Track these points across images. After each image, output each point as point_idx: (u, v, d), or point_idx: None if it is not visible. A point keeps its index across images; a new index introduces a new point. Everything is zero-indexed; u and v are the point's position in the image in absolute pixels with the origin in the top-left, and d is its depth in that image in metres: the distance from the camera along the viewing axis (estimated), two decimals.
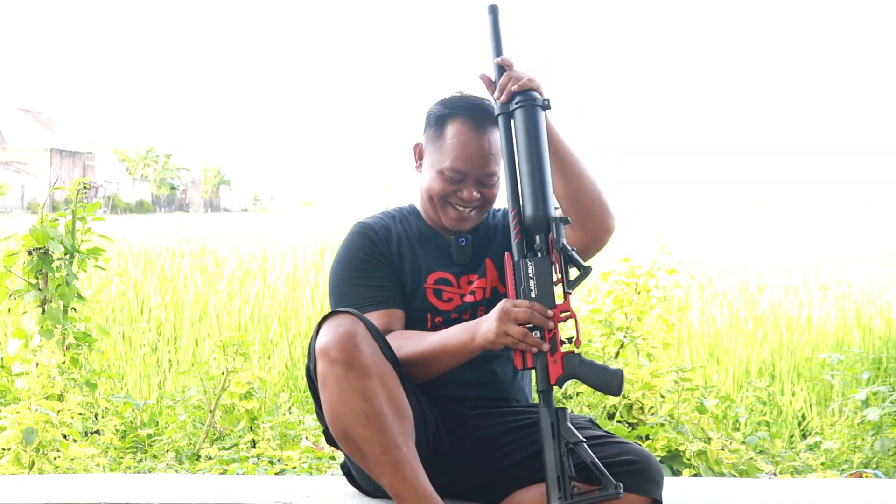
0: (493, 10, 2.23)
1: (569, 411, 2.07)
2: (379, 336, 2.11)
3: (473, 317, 2.30)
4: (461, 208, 2.31)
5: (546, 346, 2.06)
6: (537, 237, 2.10)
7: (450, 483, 2.24)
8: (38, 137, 63.42)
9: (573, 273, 2.08)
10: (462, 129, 2.28)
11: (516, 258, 2.12)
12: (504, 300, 2.09)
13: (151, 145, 75.71)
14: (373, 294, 2.27)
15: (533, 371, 2.11)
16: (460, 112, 2.30)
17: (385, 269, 2.30)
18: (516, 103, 2.16)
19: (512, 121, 2.17)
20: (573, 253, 2.06)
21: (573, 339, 2.06)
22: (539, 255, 2.09)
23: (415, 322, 2.30)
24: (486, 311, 2.27)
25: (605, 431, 2.22)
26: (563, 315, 2.08)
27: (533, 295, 2.08)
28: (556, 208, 2.21)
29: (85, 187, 4.28)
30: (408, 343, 2.20)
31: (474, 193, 2.29)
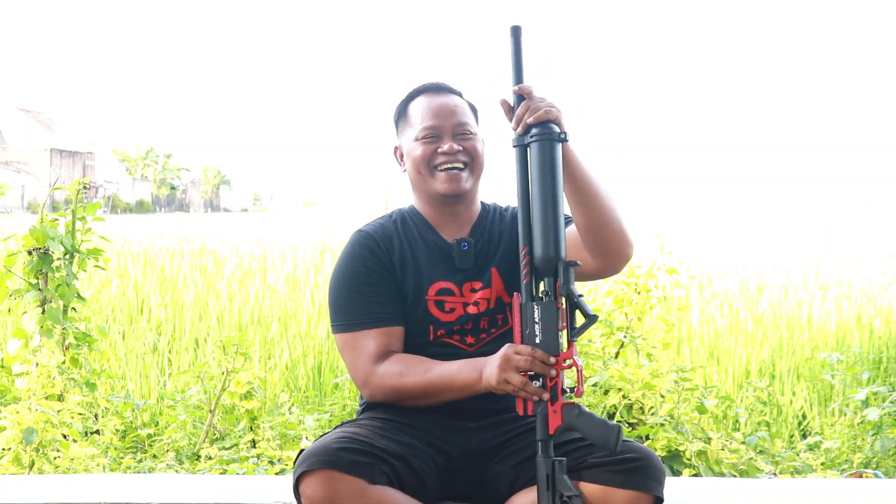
0: (516, 32, 2.14)
1: (565, 461, 2.03)
2: (354, 462, 2.04)
3: (476, 328, 2.28)
4: (448, 167, 2.29)
5: (546, 396, 2.03)
6: (545, 280, 2.06)
7: (452, 495, 2.25)
8: (38, 137, 63.44)
9: (579, 316, 2.04)
10: (423, 98, 2.34)
11: (524, 300, 2.07)
12: (508, 345, 2.06)
13: (151, 145, 75.73)
14: (372, 310, 2.25)
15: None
16: (417, 90, 2.36)
17: (385, 281, 2.28)
18: (532, 136, 2.09)
19: (528, 152, 2.11)
20: (579, 300, 2.02)
21: (575, 389, 2.02)
22: (546, 299, 2.05)
23: (416, 334, 2.27)
24: (489, 323, 2.28)
25: None
26: (566, 364, 2.03)
27: (537, 340, 2.04)
28: (567, 217, 2.18)
29: (85, 187, 4.28)
30: (412, 371, 2.19)
31: (454, 146, 2.28)
